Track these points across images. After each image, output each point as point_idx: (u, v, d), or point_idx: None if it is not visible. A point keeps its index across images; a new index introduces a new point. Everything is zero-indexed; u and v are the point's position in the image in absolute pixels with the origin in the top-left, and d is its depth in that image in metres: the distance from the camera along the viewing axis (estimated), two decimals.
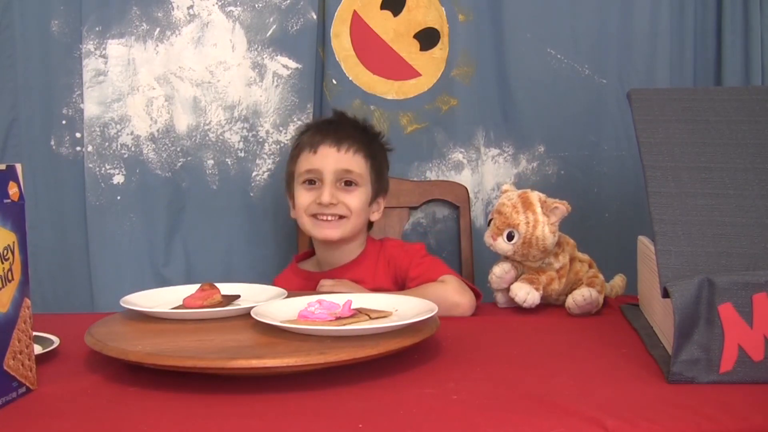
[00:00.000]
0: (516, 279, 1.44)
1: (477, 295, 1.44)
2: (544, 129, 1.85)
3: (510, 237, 1.40)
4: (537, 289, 1.40)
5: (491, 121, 1.86)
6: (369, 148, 1.54)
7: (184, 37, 1.77)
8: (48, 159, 1.76)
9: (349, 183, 1.50)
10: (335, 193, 1.48)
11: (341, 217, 1.49)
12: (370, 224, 1.61)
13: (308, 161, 1.50)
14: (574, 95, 1.84)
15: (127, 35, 1.75)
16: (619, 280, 1.54)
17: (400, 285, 1.51)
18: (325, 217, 1.49)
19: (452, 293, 1.39)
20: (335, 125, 1.56)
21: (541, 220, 1.39)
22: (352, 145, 1.51)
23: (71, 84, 1.75)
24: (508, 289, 1.44)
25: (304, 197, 1.51)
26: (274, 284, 1.53)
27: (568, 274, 1.45)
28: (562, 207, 1.39)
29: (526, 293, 1.39)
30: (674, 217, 1.07)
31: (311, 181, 1.51)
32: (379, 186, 1.57)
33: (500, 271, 1.44)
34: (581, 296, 1.37)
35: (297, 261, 1.63)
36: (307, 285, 1.52)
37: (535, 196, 1.42)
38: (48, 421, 0.88)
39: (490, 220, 1.44)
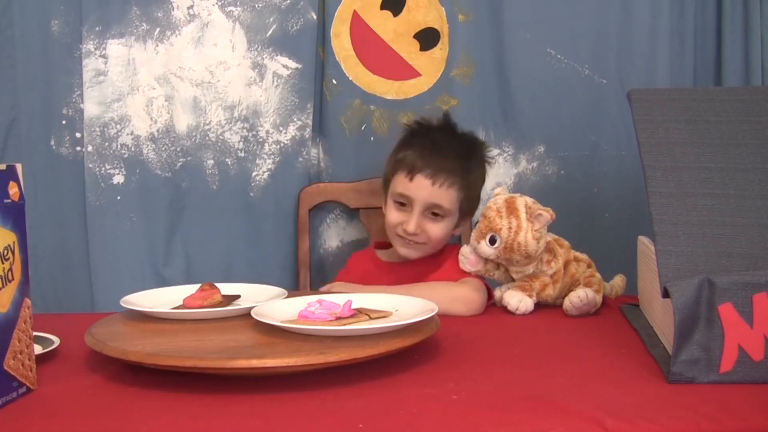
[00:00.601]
0: (480, 263, 1.46)
1: (489, 295, 1.48)
2: (544, 129, 1.85)
3: (492, 241, 1.40)
4: (530, 296, 1.40)
5: (491, 121, 1.86)
6: (465, 179, 1.57)
7: (184, 37, 1.77)
8: (48, 159, 1.76)
9: (436, 214, 1.55)
10: (421, 223, 1.54)
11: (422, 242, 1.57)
12: None
13: (403, 185, 1.55)
14: (574, 95, 1.84)
15: (127, 35, 1.75)
16: (619, 280, 1.54)
17: None
18: (407, 239, 1.56)
19: (468, 290, 1.43)
20: (438, 150, 1.56)
21: (524, 226, 1.39)
22: (448, 179, 1.53)
23: (71, 84, 1.75)
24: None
25: (394, 216, 1.57)
26: (349, 261, 1.73)
27: (563, 278, 1.45)
28: (546, 214, 1.39)
29: (518, 301, 1.40)
30: (674, 217, 1.07)
31: (402, 203, 1.56)
32: (470, 210, 1.63)
33: (467, 251, 1.47)
34: (577, 297, 1.37)
35: (376, 247, 1.71)
36: (375, 271, 1.64)
37: (522, 201, 1.42)
38: (48, 421, 0.89)
39: (476, 222, 1.45)
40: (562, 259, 1.45)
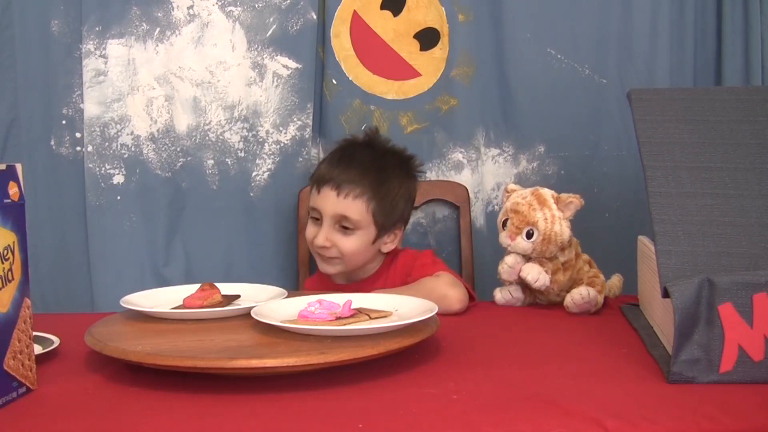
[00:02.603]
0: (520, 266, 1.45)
1: (471, 297, 1.45)
2: (544, 129, 1.85)
3: (529, 235, 1.41)
4: (546, 272, 1.41)
5: (491, 121, 1.86)
6: (376, 190, 1.50)
7: (184, 37, 1.77)
8: (48, 159, 1.76)
9: (346, 227, 1.50)
10: (330, 236, 1.50)
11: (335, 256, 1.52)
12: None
13: (313, 198, 1.53)
14: (574, 95, 1.84)
15: (127, 35, 1.75)
16: (616, 280, 1.54)
17: None
18: (321, 255, 1.53)
19: (442, 285, 1.42)
20: (345, 162, 1.52)
21: (557, 215, 1.40)
22: (353, 190, 1.48)
23: (71, 84, 1.75)
24: (508, 286, 1.46)
25: (308, 231, 1.54)
26: (305, 286, 1.64)
27: (572, 268, 1.45)
28: (576, 201, 1.41)
29: (538, 272, 1.40)
30: (674, 217, 1.07)
31: (316, 218, 1.53)
32: (389, 222, 1.54)
33: (512, 261, 1.44)
34: (579, 295, 1.38)
35: None
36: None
37: (548, 192, 1.44)
38: (48, 421, 0.88)
39: (505, 221, 1.44)
40: (574, 249, 1.46)
